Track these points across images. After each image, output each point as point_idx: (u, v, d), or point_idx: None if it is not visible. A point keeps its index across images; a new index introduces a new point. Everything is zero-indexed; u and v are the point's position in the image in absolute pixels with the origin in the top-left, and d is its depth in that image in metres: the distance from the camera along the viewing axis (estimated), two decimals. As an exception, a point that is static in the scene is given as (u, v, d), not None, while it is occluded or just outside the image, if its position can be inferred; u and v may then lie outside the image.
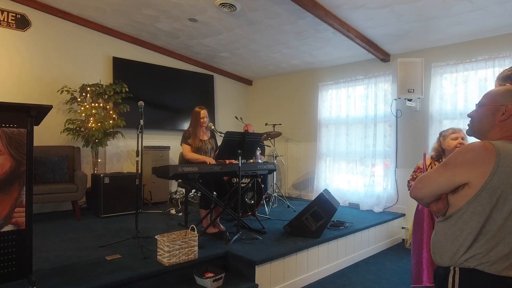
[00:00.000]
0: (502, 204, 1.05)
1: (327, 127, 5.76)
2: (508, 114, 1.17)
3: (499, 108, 1.19)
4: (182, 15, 4.41)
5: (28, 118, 2.09)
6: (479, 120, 1.25)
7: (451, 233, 1.13)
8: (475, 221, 1.07)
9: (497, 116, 1.20)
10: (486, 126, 1.23)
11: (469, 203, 1.08)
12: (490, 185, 1.04)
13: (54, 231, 3.53)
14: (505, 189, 1.04)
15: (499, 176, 1.04)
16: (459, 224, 1.11)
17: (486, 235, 1.06)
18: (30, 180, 2.09)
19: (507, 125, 1.18)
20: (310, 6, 3.63)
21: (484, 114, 1.24)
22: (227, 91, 6.97)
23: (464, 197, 1.10)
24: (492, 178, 1.04)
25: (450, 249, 1.13)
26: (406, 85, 4.48)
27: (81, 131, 4.56)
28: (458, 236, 1.11)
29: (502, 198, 1.05)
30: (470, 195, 1.08)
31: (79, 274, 2.35)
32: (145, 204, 5.03)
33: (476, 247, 1.07)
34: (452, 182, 1.12)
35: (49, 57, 4.71)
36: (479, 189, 1.05)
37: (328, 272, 3.35)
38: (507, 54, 3.96)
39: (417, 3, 3.55)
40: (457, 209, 1.12)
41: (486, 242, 1.06)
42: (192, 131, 3.61)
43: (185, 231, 2.86)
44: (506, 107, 1.18)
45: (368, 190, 5.10)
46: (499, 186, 1.04)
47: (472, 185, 1.07)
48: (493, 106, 1.21)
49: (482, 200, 1.06)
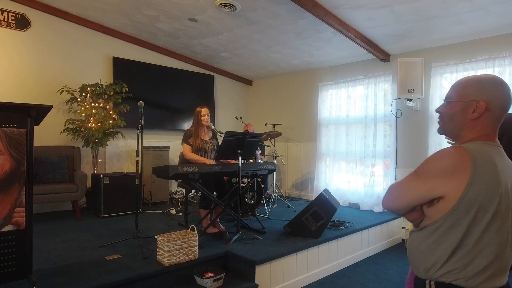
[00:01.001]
0: (480, 217, 0.96)
1: (327, 127, 5.76)
2: (479, 111, 1.04)
3: (470, 105, 1.05)
4: (182, 15, 4.41)
5: (28, 118, 2.09)
6: (449, 118, 1.11)
7: (425, 246, 1.04)
8: (452, 236, 0.98)
9: (467, 113, 1.06)
10: (458, 125, 1.09)
11: (446, 217, 0.98)
12: (467, 198, 0.95)
13: (54, 231, 3.53)
14: (484, 200, 0.95)
15: (476, 188, 0.95)
16: (434, 237, 1.02)
17: (463, 249, 0.98)
18: (30, 180, 2.09)
19: (480, 123, 1.05)
20: (310, 6, 3.63)
21: (453, 111, 1.10)
22: (227, 91, 6.97)
23: (439, 210, 1.00)
24: (469, 190, 0.95)
25: (424, 263, 1.04)
26: (406, 85, 4.48)
27: (81, 131, 4.56)
28: (433, 250, 1.02)
29: (481, 211, 0.96)
30: (446, 209, 0.98)
31: (79, 274, 2.35)
32: (145, 204, 5.03)
33: (452, 262, 0.99)
34: (426, 196, 1.02)
35: (49, 57, 4.71)
36: (456, 202, 0.96)
37: (328, 272, 3.35)
38: (507, 54, 3.96)
39: (417, 3, 3.55)
40: (433, 221, 1.02)
41: (462, 257, 0.98)
42: (193, 130, 3.61)
43: (185, 231, 2.86)
44: (477, 103, 1.04)
45: (368, 190, 5.10)
46: (476, 198, 0.95)
47: (447, 198, 0.98)
48: (462, 102, 1.07)
49: (459, 214, 0.96)
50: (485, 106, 1.03)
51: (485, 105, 1.03)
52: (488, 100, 1.03)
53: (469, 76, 1.12)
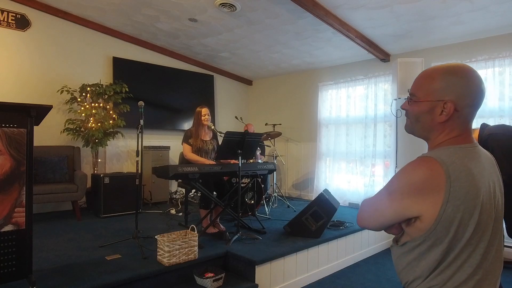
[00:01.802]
0: (461, 233, 0.89)
1: (327, 127, 5.77)
2: (447, 113, 0.93)
3: (436, 105, 0.94)
4: (182, 15, 4.41)
5: (28, 118, 2.09)
6: (415, 118, 1.01)
7: (406, 261, 0.99)
8: (432, 254, 0.92)
9: (435, 115, 0.95)
10: (426, 126, 0.99)
11: (424, 236, 0.92)
12: (445, 216, 0.87)
13: (54, 231, 3.53)
14: (463, 216, 0.88)
15: (453, 204, 0.87)
16: (414, 254, 0.96)
17: (443, 266, 0.92)
18: (30, 180, 2.09)
19: (449, 125, 0.95)
20: (310, 6, 3.63)
21: (418, 111, 0.99)
22: (227, 91, 6.97)
23: (417, 230, 0.93)
24: (446, 208, 0.87)
25: (406, 277, 1.00)
26: (406, 85, 4.48)
27: (81, 131, 4.55)
28: (414, 267, 0.97)
29: (461, 227, 0.89)
30: (424, 229, 0.91)
31: (79, 274, 2.35)
32: (145, 204, 5.03)
33: (431, 278, 0.94)
34: (400, 216, 0.95)
35: (49, 57, 4.71)
36: (433, 222, 0.89)
37: (328, 272, 3.35)
38: (507, 54, 3.96)
39: (417, 3, 3.55)
40: (412, 239, 0.96)
41: (441, 272, 0.92)
42: (194, 130, 3.61)
43: (185, 231, 2.86)
44: (444, 104, 0.93)
45: (368, 190, 5.10)
46: (455, 215, 0.87)
47: (424, 218, 0.90)
48: (428, 102, 0.96)
49: (438, 234, 0.89)
50: (453, 107, 0.92)
51: (453, 106, 0.92)
52: (456, 99, 0.92)
53: (435, 67, 0.98)
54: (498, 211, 0.96)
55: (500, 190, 1.00)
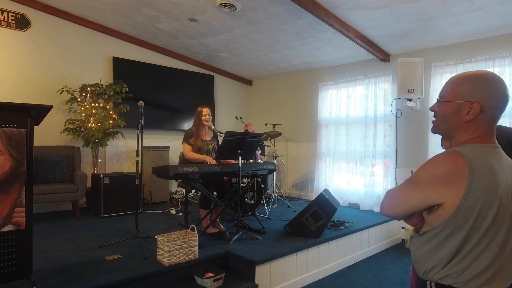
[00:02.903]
0: (480, 223, 0.96)
1: (327, 127, 5.77)
2: (473, 113, 1.01)
3: (463, 106, 1.02)
4: (182, 15, 4.41)
5: (28, 118, 2.09)
6: (443, 118, 1.09)
7: (426, 250, 1.05)
8: (451, 242, 0.99)
9: (461, 115, 1.03)
10: (452, 126, 1.07)
11: (444, 224, 0.99)
12: (466, 206, 0.94)
13: (54, 231, 3.53)
14: (482, 207, 0.94)
15: (474, 194, 0.94)
16: (434, 242, 1.03)
17: (461, 255, 0.98)
18: (30, 180, 2.09)
19: (474, 125, 1.02)
20: (310, 6, 3.63)
21: (446, 111, 1.07)
22: (227, 91, 6.97)
23: (438, 218, 1.00)
24: (467, 198, 0.94)
25: (424, 266, 1.06)
26: (406, 85, 4.48)
27: (81, 131, 4.56)
28: (433, 255, 1.03)
29: (480, 217, 0.95)
30: (445, 216, 0.98)
31: (79, 274, 2.35)
32: (145, 204, 5.03)
33: (450, 266, 1.00)
34: (424, 203, 1.02)
35: (49, 57, 4.71)
36: (454, 210, 0.96)
37: (328, 272, 3.35)
38: (507, 54, 3.96)
39: (417, 3, 3.55)
40: (432, 227, 1.03)
41: (461, 261, 0.98)
42: (194, 130, 3.61)
43: (185, 231, 2.86)
44: (471, 104, 1.00)
45: (368, 190, 5.10)
46: (475, 205, 0.94)
47: (446, 206, 0.97)
48: (456, 103, 1.04)
49: (458, 222, 0.96)
50: (479, 108, 1.00)
51: (479, 107, 1.00)
52: (482, 101, 1.00)
53: (464, 73, 1.07)
54: None
55: None
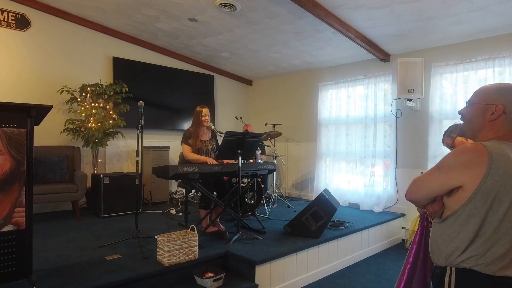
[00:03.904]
0: (497, 206, 1.04)
1: (327, 127, 5.76)
2: (497, 113, 1.15)
3: (489, 107, 1.17)
4: (182, 15, 4.41)
5: (28, 118, 2.09)
6: (470, 119, 1.23)
7: (447, 234, 1.13)
8: (471, 224, 1.07)
9: (486, 115, 1.17)
10: (476, 126, 1.21)
11: (464, 206, 1.08)
12: (484, 188, 1.04)
13: (54, 231, 3.53)
14: (499, 190, 1.04)
15: (492, 178, 1.03)
16: (455, 226, 1.11)
17: (482, 237, 1.06)
18: (30, 180, 2.09)
19: (497, 125, 1.16)
20: (310, 6, 3.63)
21: (474, 113, 1.21)
22: (227, 91, 6.97)
23: (459, 200, 1.09)
24: (486, 181, 1.03)
25: (446, 250, 1.13)
26: (406, 85, 4.48)
27: (81, 131, 4.56)
28: (454, 238, 1.11)
29: (497, 200, 1.04)
30: (465, 198, 1.07)
31: (79, 274, 2.35)
32: (145, 204, 5.03)
33: (472, 249, 1.07)
34: (446, 186, 1.12)
35: (49, 57, 4.71)
36: (473, 192, 1.05)
37: (328, 272, 3.35)
38: (507, 54, 3.96)
39: (417, 3, 3.55)
40: (453, 211, 1.11)
41: (481, 244, 1.06)
42: (193, 131, 3.61)
43: (185, 231, 2.86)
44: (496, 106, 1.15)
45: (368, 190, 5.10)
46: (492, 188, 1.03)
47: (466, 188, 1.07)
48: (483, 105, 1.18)
49: (477, 203, 1.05)
50: (502, 109, 1.14)
51: (503, 108, 1.14)
52: (506, 104, 1.14)
53: (492, 84, 1.25)
54: None
55: None
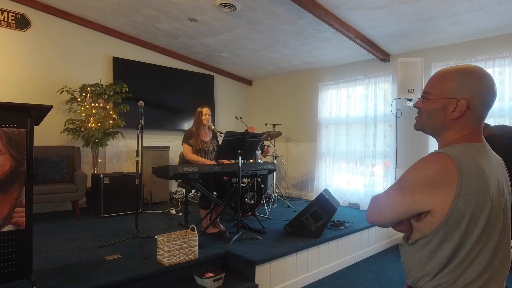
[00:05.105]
0: (472, 228, 0.89)
1: (327, 127, 5.77)
2: (460, 110, 0.95)
3: (449, 102, 0.96)
4: (182, 15, 4.41)
5: (28, 118, 2.09)
6: (428, 115, 1.02)
7: (417, 259, 0.98)
8: (443, 250, 0.92)
9: (447, 112, 0.97)
10: (437, 124, 1.01)
11: (435, 232, 0.92)
12: (456, 210, 0.88)
13: (54, 231, 3.53)
14: (474, 211, 0.88)
15: (464, 198, 0.87)
16: (425, 251, 0.96)
17: (454, 262, 0.92)
18: (30, 180, 2.09)
19: (461, 123, 0.97)
20: (310, 6, 3.63)
21: (431, 108, 1.01)
22: (227, 91, 6.97)
23: (428, 225, 0.93)
24: (457, 202, 0.87)
25: (415, 274, 0.99)
26: (406, 85, 4.48)
27: (81, 131, 4.56)
28: (425, 264, 0.96)
29: (472, 222, 0.89)
30: (435, 223, 0.91)
31: (79, 274, 2.35)
32: (145, 204, 5.03)
33: (442, 275, 0.93)
34: (412, 210, 0.95)
35: (49, 57, 4.71)
36: (445, 216, 0.89)
37: (328, 272, 3.35)
38: (507, 54, 3.96)
39: (417, 3, 3.55)
40: (423, 235, 0.96)
41: (452, 270, 0.92)
42: (194, 131, 3.61)
43: (185, 231, 2.86)
44: (457, 101, 0.95)
45: (368, 190, 5.10)
46: (466, 209, 0.88)
47: (435, 212, 0.91)
48: (442, 99, 0.98)
49: (450, 228, 0.90)
50: (466, 105, 0.94)
51: (466, 104, 0.94)
52: (469, 98, 0.94)
53: (449, 68, 1.00)
54: (506, 211, 0.97)
55: (508, 190, 1.00)
